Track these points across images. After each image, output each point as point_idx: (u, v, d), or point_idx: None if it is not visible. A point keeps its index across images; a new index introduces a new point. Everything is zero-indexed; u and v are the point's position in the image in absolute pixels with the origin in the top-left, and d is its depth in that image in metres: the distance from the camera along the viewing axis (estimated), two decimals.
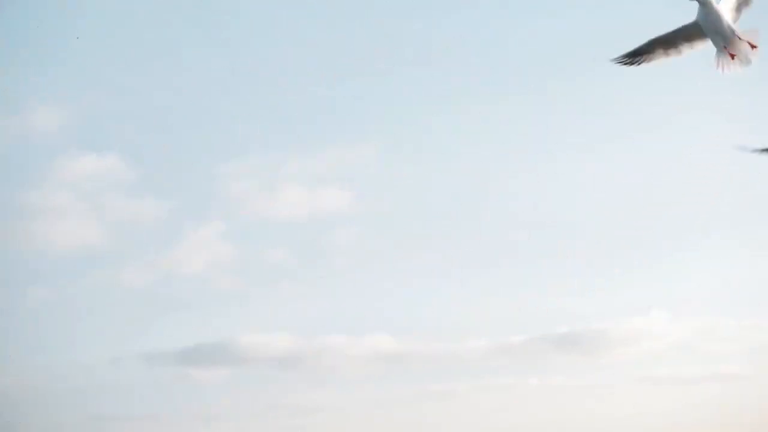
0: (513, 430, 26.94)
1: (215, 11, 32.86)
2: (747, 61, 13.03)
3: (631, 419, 27.33)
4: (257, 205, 32.88)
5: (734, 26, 12.80)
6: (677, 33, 13.24)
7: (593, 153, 32.04)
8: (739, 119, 29.70)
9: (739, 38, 12.81)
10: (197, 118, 33.49)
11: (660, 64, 13.43)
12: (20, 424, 26.37)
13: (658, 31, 13.40)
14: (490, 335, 29.66)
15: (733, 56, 13.01)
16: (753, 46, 12.95)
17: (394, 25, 33.13)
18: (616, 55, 13.46)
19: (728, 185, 30.71)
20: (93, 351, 28.82)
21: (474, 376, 29.20)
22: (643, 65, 13.51)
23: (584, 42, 31.60)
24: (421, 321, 29.62)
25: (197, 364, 28.70)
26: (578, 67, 31.89)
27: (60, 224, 31.91)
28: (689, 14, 13.20)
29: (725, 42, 12.91)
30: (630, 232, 31.55)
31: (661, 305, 30.25)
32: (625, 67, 13.42)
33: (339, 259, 32.32)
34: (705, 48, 13.26)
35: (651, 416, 27.24)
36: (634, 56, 13.44)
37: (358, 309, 29.60)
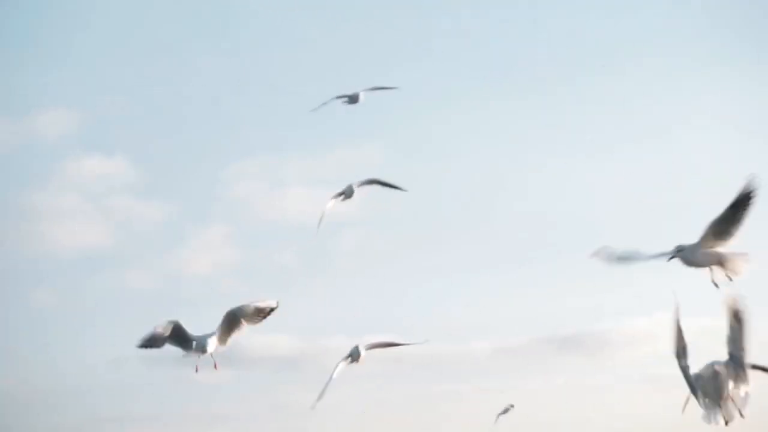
0: None
1: (220, 14, 32.95)
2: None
3: (634, 420, 27.29)
4: (262, 207, 32.97)
5: None
6: None
7: (598, 155, 32.07)
8: (744, 125, 29.77)
9: None
10: (203, 120, 33.61)
11: None
12: (22, 424, 26.47)
13: (663, 30, 13.21)
14: (493, 337, 29.67)
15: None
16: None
17: (400, 24, 33.18)
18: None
19: (731, 188, 30.69)
20: (96, 352, 28.90)
21: (476, 377, 29.20)
22: None
23: (597, 41, 31.67)
24: (424, 322, 29.64)
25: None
26: (589, 68, 31.98)
27: (65, 226, 32.06)
28: (692, 14, 13.09)
29: None
30: (633, 233, 31.52)
31: (665, 307, 30.20)
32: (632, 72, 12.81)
33: (344, 262, 32.37)
34: None
35: (654, 417, 27.17)
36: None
37: (361, 311, 29.63)
